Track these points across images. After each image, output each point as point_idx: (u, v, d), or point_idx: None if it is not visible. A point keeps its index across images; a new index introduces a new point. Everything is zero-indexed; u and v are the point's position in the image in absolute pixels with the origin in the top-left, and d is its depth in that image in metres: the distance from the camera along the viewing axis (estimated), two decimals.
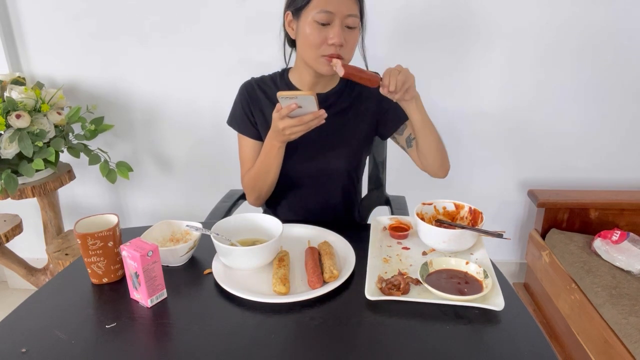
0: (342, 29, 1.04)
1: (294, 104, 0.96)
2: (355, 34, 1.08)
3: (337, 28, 1.03)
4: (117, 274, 0.93)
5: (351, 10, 1.04)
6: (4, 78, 1.73)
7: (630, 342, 1.29)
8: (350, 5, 1.04)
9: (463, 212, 1.08)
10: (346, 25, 1.05)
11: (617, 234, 1.64)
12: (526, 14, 1.77)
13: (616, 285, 1.48)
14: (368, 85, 1.01)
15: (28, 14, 1.85)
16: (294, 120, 0.99)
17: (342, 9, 1.03)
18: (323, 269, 0.92)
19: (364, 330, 0.78)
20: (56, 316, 0.83)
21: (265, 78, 1.25)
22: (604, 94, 1.88)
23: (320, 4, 1.03)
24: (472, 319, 0.80)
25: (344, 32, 1.05)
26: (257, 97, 1.22)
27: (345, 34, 1.05)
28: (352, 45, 1.08)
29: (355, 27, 1.07)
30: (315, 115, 0.98)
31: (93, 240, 0.88)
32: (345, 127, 1.21)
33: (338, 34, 1.03)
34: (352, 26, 1.05)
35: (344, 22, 1.04)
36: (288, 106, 0.97)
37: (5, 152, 1.58)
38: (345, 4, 1.03)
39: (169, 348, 0.76)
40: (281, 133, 1.02)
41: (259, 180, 1.19)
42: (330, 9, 1.02)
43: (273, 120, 1.04)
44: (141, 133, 2.04)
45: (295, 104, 0.96)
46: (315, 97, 0.94)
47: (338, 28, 1.03)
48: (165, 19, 1.82)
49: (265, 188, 1.20)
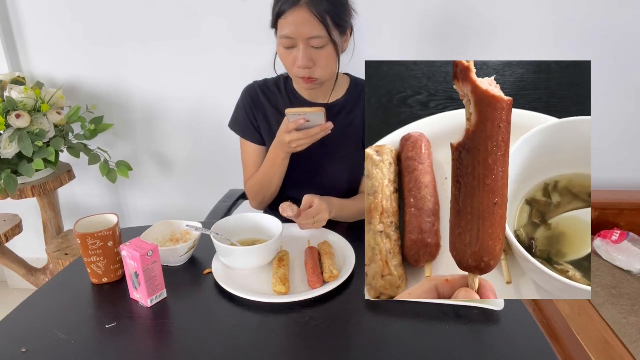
0: (308, 51, 1.02)
1: (302, 120, 0.97)
2: (325, 52, 1.03)
3: (301, 52, 1.01)
4: (117, 274, 0.93)
5: (313, 33, 1.00)
6: (4, 78, 1.73)
7: (630, 342, 1.29)
8: (311, 28, 0.99)
9: None
10: (312, 47, 1.02)
11: (617, 234, 1.64)
12: (526, 13, 1.77)
13: (616, 285, 1.48)
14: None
15: (28, 14, 1.85)
16: (301, 134, 1.00)
17: (303, 32, 1.00)
18: (323, 269, 0.92)
19: (364, 330, 0.78)
20: (56, 316, 0.83)
21: (269, 82, 1.24)
22: (604, 94, 1.88)
23: (282, 28, 1.02)
24: (472, 319, 0.80)
25: (310, 53, 1.02)
26: (261, 103, 1.22)
27: (313, 54, 1.02)
28: (324, 63, 1.05)
29: (325, 46, 1.03)
30: (322, 128, 0.99)
31: (93, 240, 0.88)
32: (348, 139, 1.20)
33: (302, 57, 1.01)
34: (318, 47, 1.02)
35: (309, 44, 1.02)
36: (296, 121, 0.98)
37: (5, 152, 1.58)
38: (305, 28, 0.99)
39: (169, 348, 0.76)
40: (287, 145, 1.03)
41: (263, 187, 1.19)
42: (290, 35, 1.01)
43: (279, 133, 1.04)
44: (141, 133, 2.04)
45: (304, 120, 0.97)
46: (324, 113, 0.96)
47: (302, 52, 1.01)
48: (166, 19, 1.82)
49: (268, 194, 1.21)
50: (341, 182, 1.21)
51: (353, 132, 1.21)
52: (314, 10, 0.98)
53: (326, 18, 0.99)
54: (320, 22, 0.99)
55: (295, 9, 0.99)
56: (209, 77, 1.91)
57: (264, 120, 1.22)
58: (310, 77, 1.05)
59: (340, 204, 1.14)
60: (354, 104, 1.21)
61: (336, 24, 1.02)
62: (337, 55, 1.06)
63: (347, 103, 1.21)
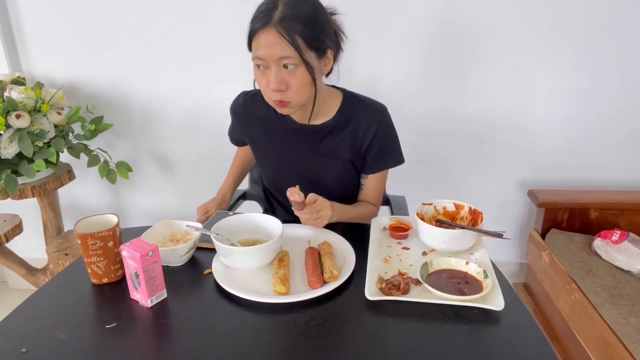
0: (280, 73, 0.99)
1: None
2: (298, 74, 1.00)
3: (272, 74, 0.99)
4: (117, 274, 0.93)
5: (282, 53, 0.96)
6: (4, 78, 1.73)
7: (630, 342, 1.29)
8: (280, 49, 0.96)
9: (463, 212, 1.08)
10: (285, 69, 0.99)
11: (617, 234, 1.64)
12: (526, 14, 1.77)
13: (616, 285, 1.48)
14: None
15: (28, 14, 1.85)
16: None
17: (272, 53, 0.97)
18: (323, 269, 0.92)
19: (364, 330, 0.78)
20: (56, 316, 0.83)
21: (258, 95, 1.21)
22: (604, 94, 1.88)
23: (254, 50, 1.00)
24: (472, 319, 0.80)
25: (282, 75, 0.99)
26: (244, 120, 1.26)
27: (284, 76, 0.99)
28: (296, 87, 1.01)
29: (297, 68, 0.99)
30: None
31: (93, 240, 0.88)
32: (338, 158, 1.20)
33: (272, 80, 0.99)
34: (290, 69, 0.99)
35: (280, 64, 0.98)
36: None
37: (5, 152, 1.58)
38: (274, 49, 0.96)
39: (169, 348, 0.76)
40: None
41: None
42: (260, 55, 0.98)
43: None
44: (141, 133, 2.04)
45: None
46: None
47: (273, 74, 0.99)
48: (166, 19, 1.82)
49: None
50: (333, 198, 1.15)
51: (340, 152, 1.19)
52: (283, 31, 0.95)
53: (296, 39, 0.96)
54: (290, 44, 0.95)
55: (264, 30, 0.96)
56: (209, 77, 1.91)
57: (249, 132, 1.27)
58: (282, 101, 1.02)
59: (341, 208, 1.15)
60: (345, 123, 1.17)
61: (310, 45, 0.99)
62: (311, 78, 1.02)
63: (337, 125, 1.17)
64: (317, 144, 1.19)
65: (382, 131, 1.17)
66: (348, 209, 1.18)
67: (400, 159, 1.23)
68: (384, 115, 1.18)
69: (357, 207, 1.23)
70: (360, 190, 1.28)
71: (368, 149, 1.18)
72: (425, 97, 1.92)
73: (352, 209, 1.20)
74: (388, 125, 1.19)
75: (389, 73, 1.88)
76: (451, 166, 2.05)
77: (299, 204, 1.00)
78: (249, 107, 1.23)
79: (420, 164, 1.98)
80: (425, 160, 2.01)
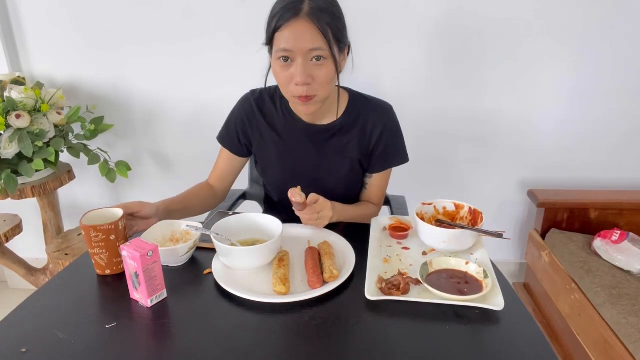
0: (307, 66, 0.97)
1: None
2: (325, 68, 0.98)
3: (299, 66, 0.96)
4: (119, 266, 0.95)
5: (314, 44, 0.94)
6: (4, 78, 1.73)
7: (630, 342, 1.29)
8: (311, 39, 0.94)
9: (463, 212, 1.08)
10: (312, 60, 0.97)
11: (617, 234, 1.64)
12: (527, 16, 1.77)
13: (616, 285, 1.48)
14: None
15: (28, 14, 1.85)
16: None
17: (302, 45, 0.94)
18: (323, 269, 0.91)
19: (364, 330, 0.78)
20: (56, 316, 0.83)
21: (264, 95, 1.21)
22: (604, 94, 1.88)
23: (279, 42, 0.96)
24: (472, 319, 0.80)
25: (309, 69, 0.97)
26: (256, 119, 1.21)
27: (311, 70, 0.97)
28: (323, 80, 0.99)
29: (325, 61, 0.98)
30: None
31: (95, 232, 0.90)
32: (344, 158, 1.19)
33: (299, 72, 0.96)
34: (317, 62, 0.97)
35: (308, 58, 0.96)
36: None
37: (5, 152, 1.58)
38: (305, 39, 0.94)
39: (169, 348, 0.76)
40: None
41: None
42: (289, 47, 0.95)
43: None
44: (141, 133, 2.04)
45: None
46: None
47: (300, 66, 0.96)
48: (166, 19, 1.82)
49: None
50: (338, 198, 1.17)
51: (349, 151, 1.19)
52: (315, 21, 0.93)
53: (327, 30, 0.95)
54: (322, 34, 0.94)
55: (294, 20, 0.94)
56: (209, 77, 1.91)
57: (257, 134, 1.22)
58: (308, 96, 1.00)
59: (342, 209, 1.15)
60: (352, 123, 1.17)
61: (336, 38, 0.98)
62: (336, 72, 1.01)
63: (344, 124, 1.17)
64: (325, 143, 1.19)
65: (389, 130, 1.18)
66: (349, 209, 1.18)
67: (405, 157, 1.23)
68: (391, 114, 1.19)
69: (358, 207, 1.23)
70: (364, 189, 1.28)
71: (375, 148, 1.19)
72: (425, 97, 1.92)
73: (353, 209, 1.20)
74: (394, 124, 1.20)
75: (389, 73, 1.88)
76: (451, 166, 2.05)
77: (300, 205, 1.00)
78: (259, 107, 1.22)
79: (420, 163, 1.98)
80: (425, 160, 2.01)
